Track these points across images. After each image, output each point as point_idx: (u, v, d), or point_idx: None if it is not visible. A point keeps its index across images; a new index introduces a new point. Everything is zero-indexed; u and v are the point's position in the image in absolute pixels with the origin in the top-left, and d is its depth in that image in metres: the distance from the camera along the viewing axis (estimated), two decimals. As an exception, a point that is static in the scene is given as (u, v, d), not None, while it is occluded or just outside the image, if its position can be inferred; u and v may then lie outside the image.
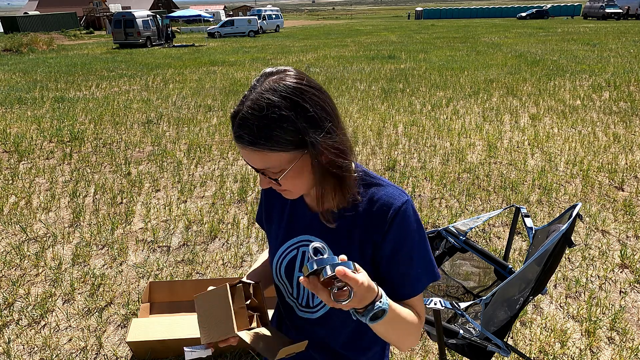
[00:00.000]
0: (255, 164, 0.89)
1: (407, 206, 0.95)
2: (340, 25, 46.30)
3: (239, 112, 0.86)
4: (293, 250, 1.06)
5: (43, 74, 14.10)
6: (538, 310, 2.81)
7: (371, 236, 0.96)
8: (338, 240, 1.00)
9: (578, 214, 1.81)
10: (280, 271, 1.08)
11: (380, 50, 18.78)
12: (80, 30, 45.09)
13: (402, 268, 0.96)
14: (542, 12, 48.85)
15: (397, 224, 0.94)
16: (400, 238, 0.95)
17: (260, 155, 0.86)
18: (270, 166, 0.88)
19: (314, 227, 1.03)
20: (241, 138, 0.85)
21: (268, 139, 0.84)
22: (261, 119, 0.83)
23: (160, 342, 2.39)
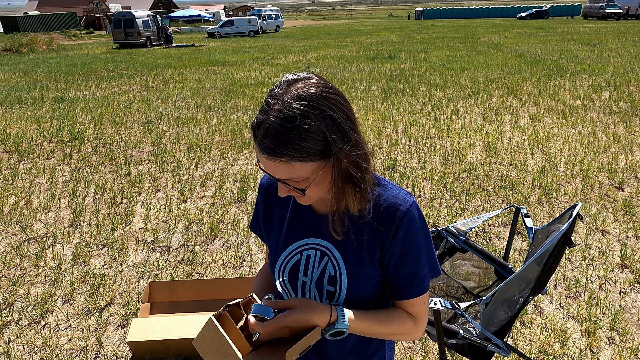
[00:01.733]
0: (279, 175, 0.86)
1: (413, 208, 0.96)
2: (340, 25, 46.31)
3: (264, 121, 0.83)
4: (296, 254, 1.04)
5: (43, 74, 14.10)
6: (538, 310, 2.81)
7: (379, 238, 0.97)
8: (346, 242, 0.99)
9: (578, 214, 1.81)
10: (283, 277, 1.05)
11: (380, 50, 18.79)
12: (80, 30, 45.09)
13: (409, 270, 0.97)
14: (542, 12, 48.84)
15: (404, 226, 0.95)
16: (407, 241, 0.95)
17: (286, 166, 0.84)
18: (296, 176, 0.86)
19: (320, 230, 1.02)
20: (268, 149, 0.82)
21: (297, 150, 0.82)
22: (291, 130, 0.81)
23: (160, 342, 2.39)
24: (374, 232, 0.97)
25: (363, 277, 0.99)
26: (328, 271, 1.00)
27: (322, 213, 1.02)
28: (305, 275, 1.02)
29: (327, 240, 1.01)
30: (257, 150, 0.85)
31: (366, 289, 1.00)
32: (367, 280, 0.99)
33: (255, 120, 0.85)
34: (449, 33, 28.56)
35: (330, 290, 1.00)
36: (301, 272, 1.03)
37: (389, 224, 0.95)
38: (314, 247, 1.02)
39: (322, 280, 1.00)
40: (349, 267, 0.98)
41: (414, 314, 1.02)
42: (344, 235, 0.99)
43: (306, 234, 1.03)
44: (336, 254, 0.99)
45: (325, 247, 1.01)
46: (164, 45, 26.20)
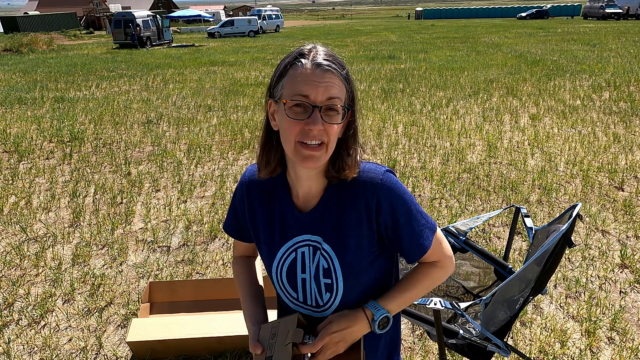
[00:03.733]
0: (331, 90, 0.91)
1: (387, 175, 0.99)
2: (340, 25, 46.30)
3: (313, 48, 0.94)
4: (291, 252, 1.05)
5: (43, 74, 14.10)
6: (538, 310, 2.81)
7: (364, 213, 0.98)
8: (336, 231, 1.01)
9: (578, 214, 1.81)
10: (281, 277, 1.07)
11: (380, 50, 18.78)
12: (80, 30, 45.08)
13: (411, 230, 1.00)
14: (542, 12, 48.83)
15: (385, 193, 0.97)
16: (395, 205, 0.98)
17: (341, 82, 0.92)
18: (342, 97, 0.92)
19: (308, 225, 1.03)
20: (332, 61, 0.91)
21: (347, 73, 0.94)
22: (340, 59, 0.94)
23: (160, 342, 2.39)
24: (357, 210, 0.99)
25: (356, 261, 1.01)
26: (322, 264, 1.02)
27: (307, 210, 1.04)
28: (304, 272, 1.04)
29: (315, 234, 1.03)
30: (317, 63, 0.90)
31: (364, 273, 1.03)
32: (361, 264, 1.02)
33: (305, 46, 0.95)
34: (449, 33, 28.55)
35: (327, 283, 1.02)
36: (299, 270, 1.04)
37: (371, 197, 0.98)
38: (306, 244, 1.03)
39: (318, 275, 1.02)
40: (339, 256, 1.00)
41: (436, 260, 1.07)
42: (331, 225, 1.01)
43: (298, 232, 1.05)
44: (325, 246, 1.01)
45: (315, 242, 1.03)
46: (165, 45, 26.20)
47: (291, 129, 0.92)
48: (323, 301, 1.04)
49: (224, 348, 2.45)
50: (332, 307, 1.04)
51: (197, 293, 2.86)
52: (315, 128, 0.90)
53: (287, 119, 0.92)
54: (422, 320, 1.77)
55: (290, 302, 1.09)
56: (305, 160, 0.93)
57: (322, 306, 1.05)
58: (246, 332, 2.54)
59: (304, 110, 0.91)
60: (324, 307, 1.05)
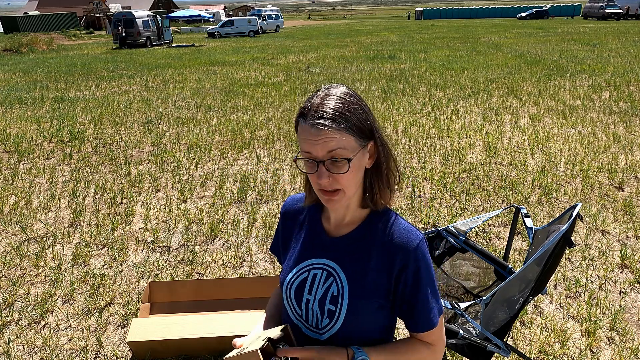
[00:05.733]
0: (328, 145, 0.93)
1: (423, 244, 1.03)
2: (340, 25, 46.31)
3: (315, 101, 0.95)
4: (304, 272, 1.09)
5: (43, 74, 14.10)
6: (538, 310, 2.81)
7: (388, 266, 1.02)
8: (353, 264, 1.04)
9: (578, 214, 1.81)
10: (290, 293, 1.11)
11: (380, 50, 18.78)
12: (80, 30, 45.07)
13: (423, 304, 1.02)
14: (542, 12, 48.82)
15: (416, 260, 1.00)
16: (418, 276, 1.01)
17: (339, 134, 0.93)
18: (345, 146, 0.94)
19: (330, 251, 1.08)
20: (324, 118, 0.92)
21: (349, 121, 0.94)
22: (344, 103, 0.95)
23: (160, 342, 2.39)
24: (385, 259, 1.02)
25: (365, 300, 1.03)
26: (332, 290, 1.05)
27: (334, 236, 1.08)
28: (310, 293, 1.07)
29: (334, 261, 1.06)
30: (310, 124, 0.93)
31: (366, 314, 1.04)
32: (368, 305, 1.03)
33: (304, 105, 0.97)
34: (449, 33, 28.55)
35: (330, 309, 1.05)
36: (306, 290, 1.08)
37: (403, 255, 1.01)
38: (321, 267, 1.07)
39: (324, 299, 1.05)
40: (351, 287, 1.03)
41: (430, 342, 1.07)
42: (352, 259, 1.05)
43: (316, 254, 1.09)
44: (342, 275, 1.05)
45: (332, 268, 1.06)
46: (165, 44, 26.20)
47: (311, 180, 0.99)
48: (321, 325, 1.07)
49: (223, 348, 2.45)
50: (327, 334, 1.06)
51: (197, 293, 2.86)
52: (322, 182, 0.96)
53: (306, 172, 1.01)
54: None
55: (295, 317, 1.11)
56: (327, 203, 1.00)
57: (320, 329, 1.07)
58: (245, 333, 2.54)
59: (312, 165, 0.97)
60: (321, 331, 1.07)
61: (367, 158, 1.01)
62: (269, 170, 5.29)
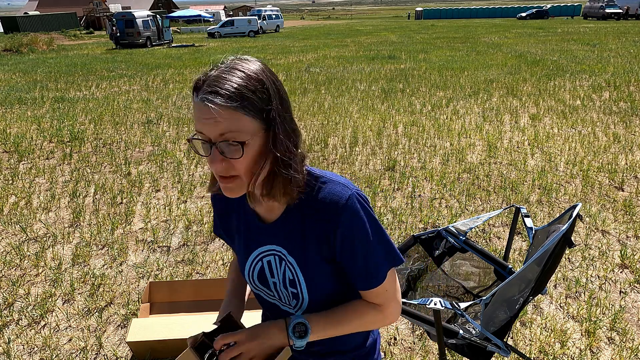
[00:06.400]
0: (219, 126, 0.83)
1: (351, 201, 0.94)
2: (340, 25, 46.31)
3: (211, 74, 0.85)
4: (258, 262, 1.07)
5: (43, 74, 14.10)
6: (538, 310, 2.81)
7: (323, 234, 0.97)
8: (295, 245, 1.01)
9: (578, 214, 1.81)
10: (254, 282, 1.10)
11: (380, 50, 18.78)
12: (80, 30, 45.08)
13: (361, 262, 0.97)
14: (542, 12, 48.83)
15: (345, 220, 0.94)
16: (351, 233, 0.95)
17: (231, 113, 0.82)
18: (238, 128, 0.84)
19: (270, 236, 1.04)
20: (215, 93, 0.82)
21: (243, 99, 0.83)
22: (239, 78, 0.84)
23: (160, 342, 2.39)
24: (317, 228, 0.97)
25: (318, 274, 1.01)
26: (287, 275, 1.03)
27: (269, 221, 1.03)
28: (273, 277, 1.06)
29: (279, 245, 1.03)
30: (200, 99, 0.83)
31: (326, 286, 1.02)
32: (323, 276, 1.01)
33: (199, 76, 0.87)
34: (449, 33, 28.56)
35: (293, 292, 1.04)
36: (268, 275, 1.06)
37: (330, 220, 0.95)
38: (271, 253, 1.04)
39: (286, 283, 1.03)
40: (302, 268, 1.00)
41: (378, 304, 1.02)
42: (294, 239, 1.00)
43: (260, 242, 1.05)
44: (289, 257, 1.02)
45: (279, 252, 1.03)
46: (165, 44, 26.19)
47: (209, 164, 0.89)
48: (292, 305, 1.06)
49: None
50: (300, 311, 1.07)
51: (197, 293, 2.86)
52: (215, 166, 0.86)
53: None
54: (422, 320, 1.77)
55: (269, 298, 1.11)
56: (225, 190, 0.91)
57: (292, 308, 1.07)
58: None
59: (206, 147, 0.87)
60: (294, 309, 1.07)
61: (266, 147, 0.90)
62: (269, 170, 5.29)
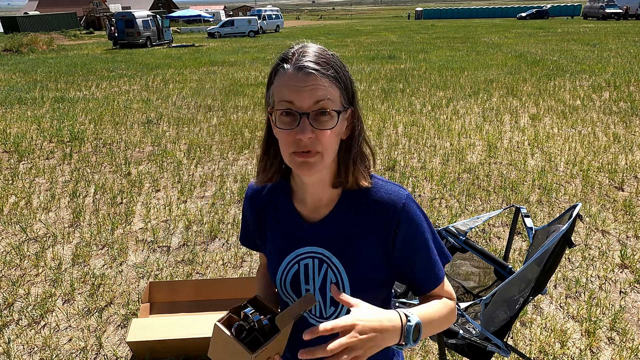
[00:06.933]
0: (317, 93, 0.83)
1: (409, 201, 0.95)
2: (340, 25, 46.30)
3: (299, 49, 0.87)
4: (294, 265, 1.01)
5: (43, 74, 14.10)
6: (538, 310, 2.81)
7: (382, 235, 0.94)
8: (344, 246, 0.96)
9: (578, 214, 1.81)
10: (286, 288, 1.03)
11: (380, 50, 18.78)
12: (80, 30, 45.07)
13: (422, 262, 0.96)
14: (542, 12, 48.82)
15: (405, 220, 0.93)
16: (412, 234, 0.94)
17: (328, 83, 0.85)
18: (333, 98, 0.85)
19: (313, 237, 0.99)
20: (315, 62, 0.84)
21: (337, 71, 0.87)
22: (328, 55, 0.88)
23: (160, 342, 2.39)
24: (371, 231, 0.94)
25: (366, 280, 0.96)
26: (329, 278, 0.97)
27: (313, 221, 0.99)
28: (307, 283, 1.00)
29: (322, 247, 0.98)
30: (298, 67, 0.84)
31: (371, 293, 0.97)
32: (370, 283, 0.97)
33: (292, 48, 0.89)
34: (449, 33, 28.56)
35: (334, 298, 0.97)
36: (302, 281, 1.00)
37: (390, 221, 0.93)
38: (311, 256, 0.99)
39: (324, 288, 0.98)
40: (349, 271, 0.96)
41: (448, 296, 1.01)
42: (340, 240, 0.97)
43: (299, 244, 1.00)
44: (334, 260, 0.97)
45: (322, 254, 0.98)
46: (165, 44, 26.19)
47: (283, 139, 0.87)
48: (326, 314, 1.01)
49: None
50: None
51: (197, 293, 2.86)
52: (305, 137, 0.84)
53: (279, 130, 0.87)
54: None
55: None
56: (300, 167, 0.88)
57: (326, 318, 1.01)
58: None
59: (292, 119, 0.84)
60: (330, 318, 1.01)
61: (344, 126, 0.91)
62: (269, 170, 5.29)
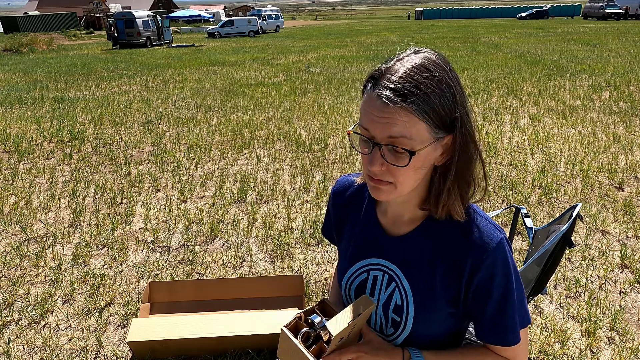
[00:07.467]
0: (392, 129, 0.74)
1: (502, 246, 0.84)
2: (340, 25, 46.31)
3: (393, 67, 0.75)
4: (363, 272, 0.97)
5: (43, 74, 14.10)
6: (538, 310, 2.81)
7: (457, 273, 0.87)
8: (417, 270, 0.90)
9: (578, 214, 1.81)
10: (349, 293, 1.00)
11: (381, 50, 18.78)
12: (80, 30, 45.08)
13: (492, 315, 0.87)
14: (542, 12, 48.84)
15: (490, 265, 0.84)
16: (491, 283, 0.84)
17: (408, 117, 0.73)
18: (411, 135, 0.74)
19: (389, 251, 0.94)
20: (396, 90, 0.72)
21: (426, 102, 0.73)
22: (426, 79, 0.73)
23: (160, 342, 2.39)
24: (450, 263, 0.87)
25: (433, 312, 0.90)
26: (395, 299, 0.92)
27: (393, 235, 0.94)
28: (372, 295, 0.96)
29: (395, 264, 0.92)
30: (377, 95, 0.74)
31: (436, 325, 0.92)
32: (437, 315, 0.91)
33: (378, 67, 0.77)
34: (449, 33, 28.56)
35: (395, 320, 0.93)
36: (368, 292, 0.97)
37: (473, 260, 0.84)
38: (381, 269, 0.94)
39: (387, 307, 0.94)
40: (417, 299, 0.90)
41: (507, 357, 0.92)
42: (415, 263, 0.90)
43: (373, 253, 0.96)
44: (405, 282, 0.91)
45: (392, 272, 0.92)
46: (165, 44, 26.19)
47: (362, 159, 0.82)
48: (385, 333, 0.96)
49: (223, 348, 2.45)
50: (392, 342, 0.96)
51: (197, 293, 2.86)
52: (374, 169, 0.78)
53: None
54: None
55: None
56: (372, 190, 0.83)
57: (384, 335, 0.97)
58: (246, 333, 2.54)
59: (367, 145, 0.79)
60: (386, 338, 0.97)
61: (438, 154, 0.80)
62: (269, 170, 5.29)
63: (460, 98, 0.79)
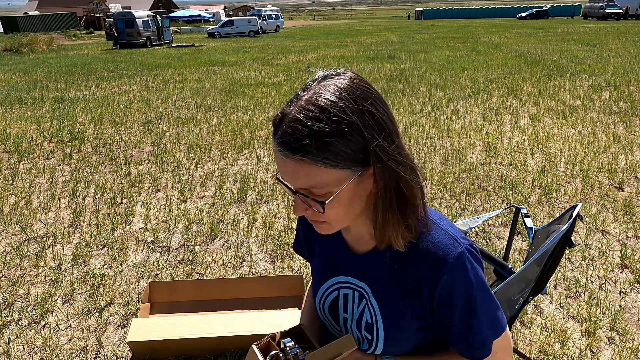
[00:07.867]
0: (297, 182, 0.72)
1: (461, 260, 0.80)
2: (340, 25, 46.31)
3: (288, 113, 0.70)
4: (334, 291, 0.96)
5: (43, 74, 14.10)
6: (538, 310, 2.81)
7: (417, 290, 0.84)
8: (382, 287, 0.89)
9: (578, 214, 1.81)
10: (324, 310, 1.00)
11: (380, 50, 18.78)
12: (80, 30, 45.08)
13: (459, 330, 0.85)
14: (542, 12, 48.84)
15: (447, 281, 0.80)
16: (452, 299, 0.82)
17: (308, 169, 0.69)
18: (317, 185, 0.71)
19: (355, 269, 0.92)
20: (286, 145, 0.68)
21: (324, 149, 0.68)
22: (317, 121, 0.67)
23: (160, 342, 2.39)
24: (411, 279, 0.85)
25: (401, 329, 0.89)
26: (365, 317, 0.91)
27: (357, 252, 0.92)
28: (346, 312, 0.95)
29: (363, 281, 0.91)
30: (275, 147, 0.72)
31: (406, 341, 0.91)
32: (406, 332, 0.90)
33: (277, 112, 0.72)
34: (449, 33, 28.56)
35: (367, 337, 0.92)
36: (341, 309, 0.96)
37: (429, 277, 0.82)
38: (351, 287, 0.93)
39: (360, 324, 0.93)
40: (385, 317, 0.89)
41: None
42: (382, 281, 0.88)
43: (341, 271, 0.94)
44: (372, 300, 0.90)
45: (362, 289, 0.91)
46: (165, 44, 26.19)
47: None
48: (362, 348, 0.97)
49: (223, 348, 2.45)
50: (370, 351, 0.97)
51: (197, 293, 2.86)
52: (297, 214, 0.77)
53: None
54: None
55: (336, 333, 1.02)
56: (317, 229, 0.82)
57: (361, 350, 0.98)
58: (246, 333, 2.53)
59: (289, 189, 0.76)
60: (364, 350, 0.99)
61: (369, 184, 0.76)
62: (269, 170, 5.29)
63: (371, 129, 0.70)
